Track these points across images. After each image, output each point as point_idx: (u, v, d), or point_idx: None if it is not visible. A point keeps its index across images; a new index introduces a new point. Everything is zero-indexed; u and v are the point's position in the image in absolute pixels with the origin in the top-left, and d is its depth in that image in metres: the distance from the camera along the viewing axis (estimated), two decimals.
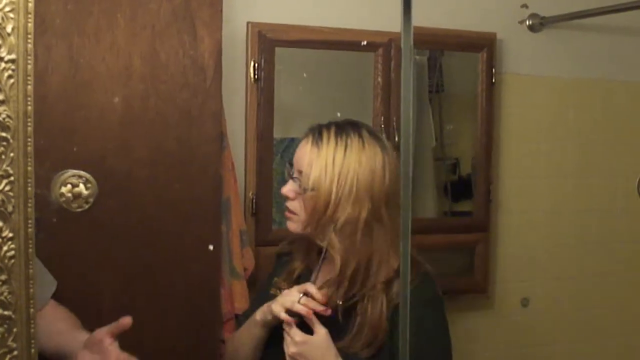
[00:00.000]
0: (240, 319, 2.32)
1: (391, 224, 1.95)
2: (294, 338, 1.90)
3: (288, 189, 2.02)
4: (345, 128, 1.98)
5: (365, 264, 1.94)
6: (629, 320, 3.75)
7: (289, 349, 1.90)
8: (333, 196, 1.90)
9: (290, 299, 1.94)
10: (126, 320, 1.90)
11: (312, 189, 1.93)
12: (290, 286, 2.05)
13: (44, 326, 1.97)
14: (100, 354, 1.87)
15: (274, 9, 2.94)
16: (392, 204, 1.95)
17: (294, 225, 2.03)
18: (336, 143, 1.93)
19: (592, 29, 3.52)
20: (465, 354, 3.39)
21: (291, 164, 2.06)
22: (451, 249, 3.31)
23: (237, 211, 2.74)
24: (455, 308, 3.34)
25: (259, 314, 2.03)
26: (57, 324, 2.03)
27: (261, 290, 2.28)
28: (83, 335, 1.96)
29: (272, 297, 2.07)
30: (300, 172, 1.98)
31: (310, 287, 1.93)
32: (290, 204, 2.02)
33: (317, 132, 1.98)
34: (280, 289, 2.09)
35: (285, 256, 2.21)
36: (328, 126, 1.99)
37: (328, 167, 1.91)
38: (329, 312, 1.92)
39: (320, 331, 1.90)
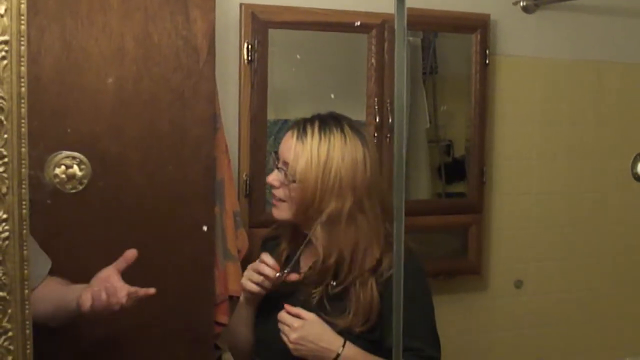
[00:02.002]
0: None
1: (373, 215, 2.04)
2: (292, 325, 1.99)
3: (273, 177, 2.09)
4: (328, 122, 2.04)
5: (350, 253, 2.02)
6: (622, 301, 3.77)
7: (291, 336, 1.98)
8: (319, 189, 1.98)
9: (250, 271, 2.07)
10: (131, 253, 1.94)
11: (299, 181, 2.00)
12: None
13: (42, 295, 1.99)
14: (109, 289, 1.89)
15: None
16: (373, 195, 2.04)
17: (279, 212, 2.11)
18: (320, 137, 2.00)
19: (585, 10, 3.52)
20: (458, 334, 3.41)
21: (276, 154, 2.12)
22: (445, 230, 3.32)
23: (231, 192, 2.74)
24: (449, 289, 3.35)
25: (242, 296, 2.15)
26: (53, 287, 2.07)
27: None
28: (83, 285, 1.97)
29: None
30: (285, 163, 2.04)
31: (265, 256, 2.06)
32: (276, 192, 2.09)
33: (301, 127, 2.05)
34: None
35: (271, 240, 2.27)
36: (312, 120, 2.06)
37: (313, 161, 1.98)
38: (277, 277, 2.04)
39: (310, 315, 2.00)
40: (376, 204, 2.04)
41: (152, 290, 1.95)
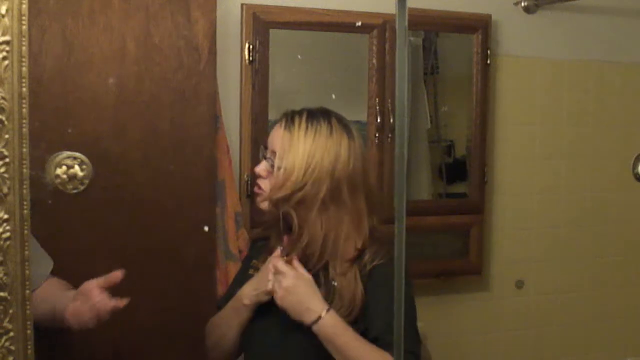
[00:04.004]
0: (219, 303, 2.32)
1: (353, 207, 2.05)
2: (287, 273, 1.98)
3: (261, 168, 2.11)
4: (316, 115, 2.07)
5: (320, 240, 2.03)
6: (624, 302, 3.77)
7: (283, 282, 1.98)
8: (300, 177, 2.00)
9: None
10: (116, 275, 1.93)
11: (284, 169, 2.02)
12: None
13: (43, 297, 1.99)
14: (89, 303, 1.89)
15: None
16: (356, 188, 2.05)
17: (261, 202, 2.11)
18: (306, 128, 2.03)
19: (586, 10, 3.52)
20: (459, 334, 3.41)
21: (265, 146, 2.15)
22: (446, 230, 3.32)
23: (232, 193, 2.74)
24: (450, 289, 3.35)
25: (247, 299, 2.09)
26: (52, 291, 2.06)
27: (239, 274, 2.33)
28: (73, 293, 1.97)
29: (250, 277, 2.14)
30: (273, 152, 2.07)
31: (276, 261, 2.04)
32: (262, 182, 2.11)
33: (289, 117, 2.08)
34: (259, 270, 2.15)
35: (260, 241, 2.27)
36: (300, 112, 2.08)
37: (299, 150, 2.01)
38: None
39: (307, 274, 2.00)
40: (359, 198, 2.05)
41: (122, 303, 1.91)
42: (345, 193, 2.03)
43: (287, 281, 1.97)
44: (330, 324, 1.95)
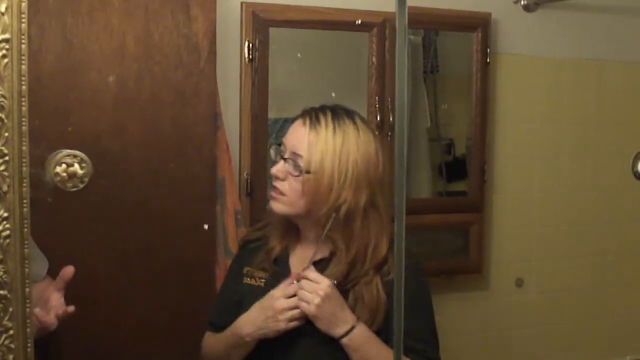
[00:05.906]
0: (211, 317, 2.21)
1: (385, 211, 1.98)
2: (322, 281, 1.90)
3: (278, 169, 1.98)
4: (340, 114, 1.96)
5: (363, 249, 1.96)
6: (623, 300, 3.77)
7: (320, 290, 1.88)
8: (335, 181, 1.90)
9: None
10: (67, 270, 1.89)
11: (314, 172, 1.91)
12: (266, 271, 2.04)
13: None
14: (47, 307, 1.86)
15: None
16: (385, 191, 1.98)
17: (279, 206, 1.99)
18: (334, 128, 1.92)
19: (586, 9, 3.52)
20: (459, 333, 3.41)
21: (280, 145, 2.03)
22: (446, 229, 3.32)
23: (232, 191, 2.74)
24: (450, 288, 3.35)
25: (249, 336, 1.98)
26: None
27: (230, 279, 2.21)
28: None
29: (247, 287, 2.06)
30: (294, 153, 1.95)
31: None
32: (280, 184, 1.98)
33: (313, 116, 1.96)
34: (256, 278, 2.07)
35: (252, 243, 2.15)
36: (324, 110, 1.97)
37: (329, 151, 1.90)
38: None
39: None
40: (388, 201, 1.97)
41: (70, 309, 1.89)
42: (378, 197, 1.97)
43: (324, 289, 1.88)
44: (362, 335, 1.91)
